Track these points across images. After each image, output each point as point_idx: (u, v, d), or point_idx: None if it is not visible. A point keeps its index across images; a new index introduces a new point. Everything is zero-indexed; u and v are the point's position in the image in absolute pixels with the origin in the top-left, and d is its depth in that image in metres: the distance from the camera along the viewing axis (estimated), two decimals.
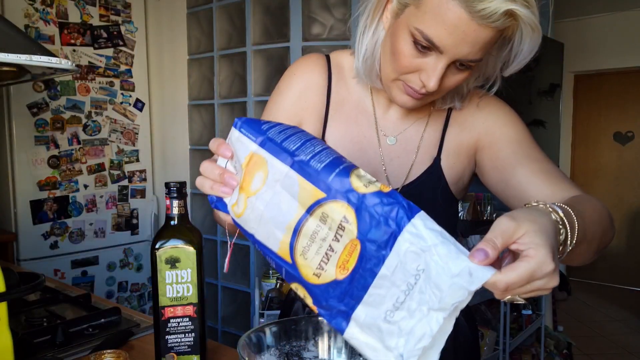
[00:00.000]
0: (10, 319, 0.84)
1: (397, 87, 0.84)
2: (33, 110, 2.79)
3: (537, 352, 3.08)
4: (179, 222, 0.88)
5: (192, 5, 3.18)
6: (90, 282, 3.03)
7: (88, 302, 1.36)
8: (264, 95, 2.87)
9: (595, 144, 5.19)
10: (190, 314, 0.89)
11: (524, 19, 0.71)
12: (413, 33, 0.75)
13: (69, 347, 1.10)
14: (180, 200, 0.88)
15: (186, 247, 0.87)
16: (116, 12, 3.10)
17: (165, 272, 0.87)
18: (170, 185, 0.88)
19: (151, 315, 1.01)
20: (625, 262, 5.06)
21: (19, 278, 0.92)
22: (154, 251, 0.86)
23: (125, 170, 3.20)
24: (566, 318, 4.25)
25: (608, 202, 5.12)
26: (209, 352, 1.07)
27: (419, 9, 0.74)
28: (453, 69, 0.78)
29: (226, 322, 3.19)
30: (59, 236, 2.92)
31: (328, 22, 2.70)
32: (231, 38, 2.99)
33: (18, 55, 1.22)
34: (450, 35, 0.72)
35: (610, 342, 3.83)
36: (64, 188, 2.93)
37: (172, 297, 0.88)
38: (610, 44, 4.76)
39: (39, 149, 2.82)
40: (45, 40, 2.80)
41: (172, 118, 3.36)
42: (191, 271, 0.88)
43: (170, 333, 0.89)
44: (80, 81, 2.96)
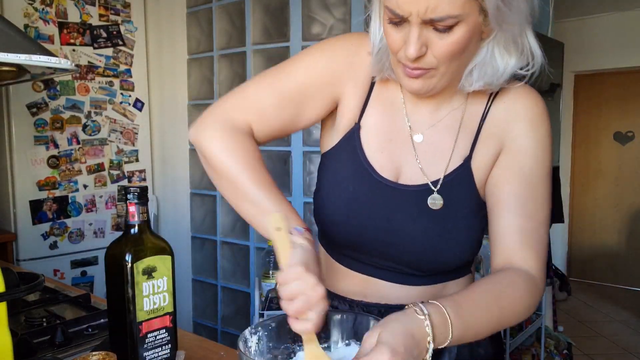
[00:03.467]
0: (9, 319, 0.84)
1: (401, 71, 0.81)
2: (32, 110, 2.79)
3: (537, 353, 3.08)
4: (142, 229, 0.82)
5: (192, 5, 3.17)
6: (90, 282, 3.02)
7: (87, 302, 1.36)
8: None
9: (595, 143, 5.19)
10: (167, 324, 0.86)
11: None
12: (385, 11, 0.76)
13: (68, 347, 1.10)
14: (145, 205, 0.83)
15: (163, 255, 0.83)
16: (116, 12, 3.09)
17: (142, 284, 0.81)
18: (131, 190, 0.81)
19: None
20: (625, 262, 5.06)
21: (18, 278, 0.92)
22: (125, 263, 0.79)
23: (125, 170, 3.19)
24: (566, 318, 4.24)
25: (608, 202, 5.13)
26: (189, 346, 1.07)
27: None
28: (435, 33, 0.74)
29: (226, 323, 3.18)
30: (58, 236, 2.91)
31: (328, 21, 2.69)
32: (231, 38, 2.98)
33: (17, 55, 1.21)
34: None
35: (610, 342, 3.83)
36: (64, 188, 2.92)
37: (149, 310, 0.82)
38: (610, 44, 4.75)
39: (38, 149, 2.82)
40: (45, 40, 2.79)
41: (171, 118, 3.35)
42: (167, 279, 0.84)
43: (148, 349, 0.84)
44: (79, 81, 2.96)
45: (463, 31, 0.74)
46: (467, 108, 0.90)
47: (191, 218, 3.32)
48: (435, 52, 0.76)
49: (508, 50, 0.81)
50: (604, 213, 5.16)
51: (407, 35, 0.75)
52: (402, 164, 0.90)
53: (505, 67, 0.82)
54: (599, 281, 5.21)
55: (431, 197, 0.87)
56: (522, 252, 0.85)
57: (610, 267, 5.14)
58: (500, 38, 0.79)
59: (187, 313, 3.35)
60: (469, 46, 0.78)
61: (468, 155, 0.89)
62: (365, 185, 0.88)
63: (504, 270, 0.84)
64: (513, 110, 0.88)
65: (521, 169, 0.87)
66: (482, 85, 0.84)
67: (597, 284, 5.20)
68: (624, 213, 5.06)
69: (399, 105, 0.92)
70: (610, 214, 5.13)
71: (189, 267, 3.34)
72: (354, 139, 0.90)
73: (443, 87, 0.83)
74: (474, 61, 0.82)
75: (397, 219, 0.87)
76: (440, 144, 0.90)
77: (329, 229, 0.93)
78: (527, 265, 0.84)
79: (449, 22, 0.72)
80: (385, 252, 0.89)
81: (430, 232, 0.87)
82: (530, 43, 0.81)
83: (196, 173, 3.28)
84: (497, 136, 0.89)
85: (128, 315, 0.81)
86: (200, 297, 3.33)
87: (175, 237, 3.31)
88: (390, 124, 0.91)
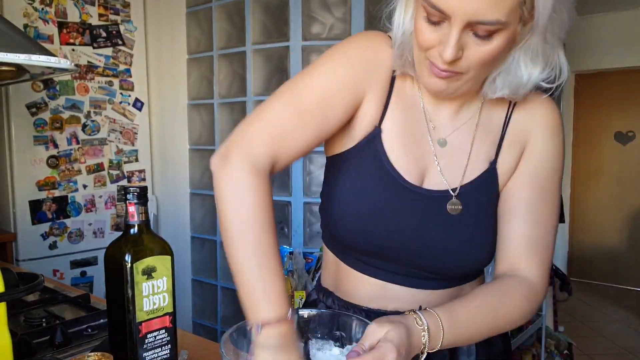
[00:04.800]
0: (9, 320, 0.83)
1: (426, 69, 0.79)
2: (32, 110, 2.79)
3: (537, 353, 3.08)
4: (142, 229, 0.82)
5: (192, 5, 3.17)
6: (90, 282, 3.02)
7: (87, 302, 1.36)
8: (264, 94, 2.86)
9: (596, 143, 5.19)
10: (167, 324, 0.85)
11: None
12: (424, 6, 0.72)
13: (68, 347, 1.10)
14: (144, 205, 0.82)
15: (162, 255, 0.83)
16: (115, 12, 3.09)
17: (142, 284, 0.81)
18: (131, 190, 0.80)
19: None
20: (626, 262, 5.06)
21: (17, 278, 0.92)
22: (125, 264, 0.79)
23: (125, 170, 3.19)
24: (567, 318, 4.24)
25: (609, 202, 5.12)
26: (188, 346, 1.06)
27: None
28: (474, 39, 0.72)
29: (226, 323, 3.18)
30: (58, 236, 2.91)
31: (328, 21, 2.69)
32: (231, 37, 2.98)
33: (17, 55, 1.21)
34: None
35: (611, 342, 3.83)
36: (63, 188, 2.92)
37: (149, 310, 0.82)
38: (611, 43, 4.75)
39: (37, 148, 2.81)
40: (44, 40, 2.79)
41: (171, 118, 3.35)
42: (167, 279, 0.84)
43: (147, 349, 0.83)
44: (79, 81, 2.96)
45: (502, 39, 0.73)
46: (485, 112, 0.90)
47: (191, 218, 3.32)
48: (469, 58, 0.74)
49: (534, 61, 0.79)
50: (605, 213, 5.16)
51: (444, 35, 0.73)
52: (426, 167, 0.88)
53: (529, 77, 0.80)
54: (599, 281, 5.21)
55: (450, 202, 0.86)
56: (527, 259, 0.86)
57: (611, 267, 5.14)
58: (529, 48, 0.78)
59: (187, 313, 3.35)
60: (501, 55, 0.77)
61: (494, 159, 0.89)
62: (392, 192, 0.85)
63: (506, 278, 0.86)
64: (534, 117, 0.89)
65: (537, 176, 0.88)
66: (507, 94, 0.83)
67: (598, 284, 5.20)
68: (624, 213, 5.06)
69: (419, 107, 0.89)
70: (611, 214, 5.13)
71: (189, 267, 3.34)
72: (375, 143, 0.87)
73: (465, 91, 0.82)
74: (498, 69, 0.81)
75: (423, 226, 0.86)
76: (462, 148, 0.89)
77: (347, 237, 0.89)
78: (530, 272, 0.86)
79: (494, 27, 0.70)
80: (408, 259, 0.87)
81: (453, 238, 0.86)
82: (560, 58, 0.80)
83: (196, 173, 3.28)
84: (520, 142, 0.89)
85: (127, 315, 0.81)
86: (200, 297, 3.33)
87: (175, 237, 3.31)
88: (412, 126, 0.88)
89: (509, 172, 0.89)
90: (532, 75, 0.80)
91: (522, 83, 0.81)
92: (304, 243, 2.76)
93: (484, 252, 0.88)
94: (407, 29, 0.81)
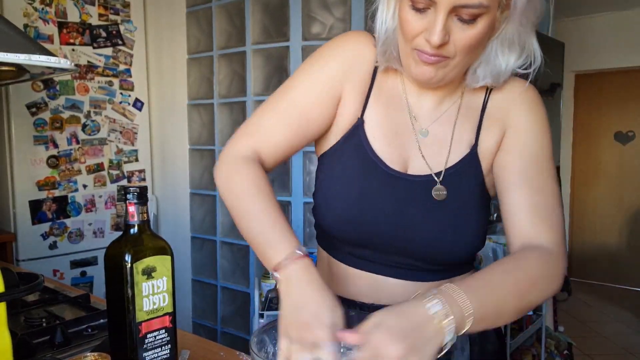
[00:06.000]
0: (9, 320, 0.83)
1: (413, 59, 0.81)
2: (32, 110, 2.79)
3: (537, 353, 3.08)
4: (142, 229, 0.82)
5: (192, 5, 3.17)
6: (90, 282, 3.02)
7: (87, 302, 1.36)
8: (264, 94, 2.86)
9: (596, 143, 5.19)
10: (167, 324, 0.85)
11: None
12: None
13: (68, 347, 1.10)
14: (144, 205, 0.82)
15: (162, 255, 0.83)
16: (115, 12, 3.09)
17: (142, 284, 0.81)
18: (131, 190, 0.80)
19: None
20: (625, 262, 5.06)
21: (17, 278, 0.92)
22: (125, 264, 0.79)
23: (125, 170, 3.19)
24: (567, 318, 4.24)
25: (609, 202, 5.12)
26: (188, 346, 1.06)
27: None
28: (459, 23, 0.76)
29: (225, 323, 3.18)
30: (58, 236, 2.91)
31: (328, 21, 2.69)
32: (230, 37, 2.98)
33: (17, 55, 1.21)
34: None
35: (611, 342, 3.83)
36: (63, 188, 2.92)
37: (149, 310, 0.82)
38: (611, 43, 4.75)
39: (37, 148, 2.81)
40: (44, 40, 2.79)
41: (171, 118, 3.35)
42: (167, 279, 0.84)
43: (147, 349, 0.83)
44: (79, 81, 2.96)
45: (484, 24, 0.76)
46: (464, 100, 0.92)
47: (191, 218, 3.32)
48: (456, 42, 0.77)
49: (510, 48, 0.83)
50: (605, 213, 5.16)
51: (429, 22, 0.76)
52: (409, 156, 0.90)
53: (506, 65, 0.85)
54: (599, 281, 5.21)
55: (435, 188, 0.88)
56: (534, 228, 0.84)
57: (610, 267, 5.14)
58: (505, 37, 0.82)
59: (187, 313, 3.35)
60: (484, 40, 0.80)
61: (474, 143, 0.91)
62: (376, 178, 0.88)
63: (518, 250, 0.84)
64: (511, 97, 0.92)
65: (524, 148, 0.89)
66: (489, 83, 0.87)
67: (598, 284, 5.20)
68: (624, 213, 5.06)
69: (401, 97, 0.92)
70: (611, 214, 5.13)
71: (189, 267, 3.34)
72: (358, 134, 0.90)
73: (451, 80, 0.85)
74: (478, 60, 0.84)
75: (408, 212, 0.87)
76: (443, 136, 0.91)
77: (337, 229, 0.90)
78: (542, 240, 0.83)
79: (478, 10, 0.74)
80: (396, 246, 0.88)
81: (439, 223, 0.87)
82: (533, 44, 0.84)
83: (196, 173, 3.28)
84: (499, 122, 0.91)
85: (127, 315, 0.81)
86: (200, 297, 3.33)
87: (175, 237, 3.31)
88: (394, 116, 0.91)
89: (490, 155, 0.91)
90: (509, 62, 0.84)
91: (502, 71, 0.85)
92: (304, 243, 2.76)
93: (470, 238, 0.88)
94: (389, 26, 0.84)
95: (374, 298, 0.91)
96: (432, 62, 0.79)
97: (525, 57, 0.84)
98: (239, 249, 3.05)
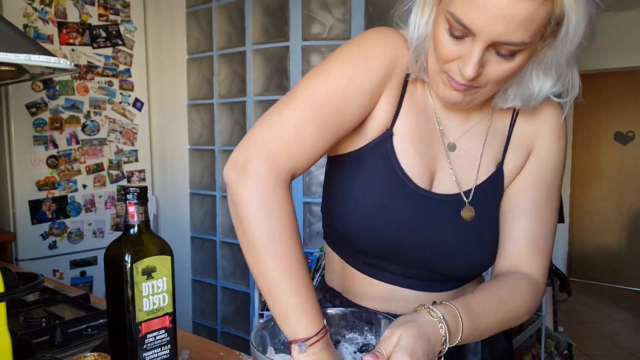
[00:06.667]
0: (9, 320, 0.83)
1: (442, 81, 0.78)
2: (32, 110, 2.79)
3: (537, 353, 3.07)
4: (142, 229, 0.82)
5: (192, 5, 3.17)
6: (89, 282, 3.02)
7: (87, 302, 1.35)
8: (264, 94, 2.87)
9: (595, 144, 5.19)
10: (166, 324, 0.85)
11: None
12: (447, 18, 0.71)
13: (67, 347, 1.10)
14: (144, 205, 0.82)
15: (162, 255, 0.82)
16: (115, 12, 3.09)
17: (142, 284, 0.80)
18: (131, 190, 0.79)
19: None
20: (625, 262, 5.06)
21: (17, 278, 0.92)
22: (124, 264, 0.78)
23: (124, 170, 3.19)
24: (567, 319, 4.24)
25: (609, 202, 5.12)
26: (188, 346, 1.06)
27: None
28: (496, 57, 0.72)
29: (225, 323, 3.18)
30: (57, 236, 2.91)
31: (328, 21, 2.69)
32: (230, 37, 2.98)
33: (17, 55, 1.21)
34: (482, 13, 0.67)
35: (610, 342, 3.82)
36: (63, 188, 2.92)
37: (148, 311, 0.82)
38: (610, 44, 4.75)
39: (37, 148, 2.81)
40: (44, 40, 2.79)
41: (171, 118, 3.35)
42: (166, 279, 0.83)
43: (147, 350, 0.83)
44: (79, 81, 2.96)
45: (523, 58, 0.72)
46: (494, 116, 0.90)
47: (191, 218, 3.32)
48: (489, 74, 0.74)
49: (546, 73, 0.79)
50: (605, 213, 5.16)
51: (465, 51, 0.72)
52: (437, 171, 0.87)
53: (540, 90, 0.80)
54: (599, 281, 5.21)
55: (464, 208, 0.87)
56: (529, 257, 0.87)
57: (610, 267, 5.14)
58: (542, 61, 0.77)
59: (187, 313, 3.35)
60: (520, 71, 0.77)
61: (500, 161, 0.90)
62: (401, 194, 0.84)
63: (509, 275, 0.86)
64: (539, 119, 0.90)
65: (544, 177, 0.89)
66: (519, 105, 0.83)
67: (598, 284, 5.20)
68: (624, 213, 5.06)
69: (430, 110, 0.88)
70: (610, 214, 5.13)
71: (189, 267, 3.34)
72: (385, 145, 0.85)
73: (479, 103, 0.83)
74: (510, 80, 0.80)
75: (433, 230, 0.86)
76: (471, 152, 0.89)
77: (355, 239, 0.87)
78: (531, 270, 0.87)
79: (518, 48, 0.70)
80: (416, 261, 0.87)
81: (465, 242, 0.87)
82: (574, 75, 0.80)
83: (196, 173, 3.28)
84: (526, 144, 0.90)
85: (127, 315, 0.80)
86: (200, 298, 3.33)
87: (175, 237, 3.31)
88: (423, 129, 0.87)
89: (514, 173, 0.90)
90: (544, 87, 0.80)
91: (533, 95, 0.81)
92: (303, 243, 2.75)
93: (491, 254, 0.90)
94: (421, 33, 0.79)
95: (387, 307, 0.90)
96: (461, 90, 0.76)
97: (562, 86, 0.80)
98: (239, 248, 3.02)
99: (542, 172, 0.89)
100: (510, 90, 0.81)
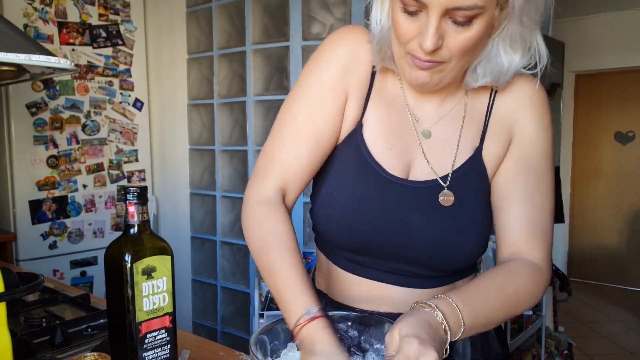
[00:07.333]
0: (9, 320, 0.83)
1: (407, 63, 0.78)
2: (32, 110, 2.79)
3: (537, 353, 3.08)
4: (142, 230, 0.82)
5: (192, 5, 3.17)
6: (90, 282, 3.02)
7: (87, 302, 1.36)
8: (264, 94, 2.87)
9: (596, 143, 5.19)
10: (166, 324, 0.85)
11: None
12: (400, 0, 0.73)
13: (68, 347, 1.10)
14: (144, 205, 0.82)
15: (162, 255, 0.82)
16: (115, 12, 3.09)
17: (142, 284, 0.80)
18: (131, 190, 0.80)
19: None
20: (625, 262, 5.06)
21: (17, 278, 0.92)
22: (125, 264, 0.79)
23: (125, 170, 3.19)
24: (567, 319, 4.24)
25: (609, 202, 5.12)
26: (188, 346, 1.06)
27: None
28: (453, 26, 0.72)
29: (225, 323, 3.18)
30: (57, 236, 2.91)
31: (328, 21, 2.69)
32: (230, 37, 2.98)
33: (17, 55, 1.21)
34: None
35: (611, 342, 3.83)
36: (63, 188, 2.92)
37: (148, 310, 0.82)
38: (611, 44, 4.75)
39: (37, 148, 2.81)
40: (44, 40, 2.79)
41: (171, 118, 3.35)
42: (167, 279, 0.83)
43: (147, 349, 0.83)
44: (79, 81, 2.95)
45: (481, 25, 0.72)
46: (469, 101, 0.90)
47: (191, 218, 3.32)
48: (450, 46, 0.74)
49: (513, 47, 0.80)
50: (605, 213, 5.16)
51: (422, 25, 0.72)
52: (412, 160, 0.87)
53: (509, 64, 0.81)
54: (599, 281, 5.21)
55: (442, 193, 0.85)
56: (528, 243, 0.86)
57: (610, 267, 5.14)
58: (507, 34, 0.78)
59: (187, 313, 3.35)
60: (482, 41, 0.77)
61: (478, 146, 0.88)
62: (375, 185, 0.85)
63: (508, 262, 0.85)
64: (519, 100, 0.89)
65: (530, 160, 0.88)
66: (489, 82, 0.83)
67: (598, 284, 5.20)
68: (624, 213, 5.06)
69: (401, 99, 0.89)
70: (610, 214, 5.13)
71: (189, 267, 3.34)
72: (356, 138, 0.87)
73: (448, 82, 0.82)
74: (479, 57, 0.81)
75: (410, 218, 0.85)
76: (447, 138, 0.88)
77: (335, 235, 0.88)
78: (532, 256, 0.86)
79: (472, 12, 0.70)
80: (398, 253, 0.86)
81: (444, 229, 0.85)
82: (539, 43, 0.80)
83: (196, 173, 3.28)
84: (506, 128, 0.89)
85: (127, 315, 0.80)
86: (200, 298, 3.33)
87: (175, 237, 3.31)
88: (395, 120, 0.88)
89: (496, 160, 0.89)
90: (513, 61, 0.81)
91: (503, 70, 0.81)
92: (303, 243, 2.76)
93: (476, 243, 0.87)
94: (384, 25, 0.81)
95: (374, 305, 0.89)
96: (426, 67, 0.76)
97: (530, 57, 0.81)
98: (239, 249, 3.05)
99: (528, 156, 0.88)
100: (480, 67, 0.82)
